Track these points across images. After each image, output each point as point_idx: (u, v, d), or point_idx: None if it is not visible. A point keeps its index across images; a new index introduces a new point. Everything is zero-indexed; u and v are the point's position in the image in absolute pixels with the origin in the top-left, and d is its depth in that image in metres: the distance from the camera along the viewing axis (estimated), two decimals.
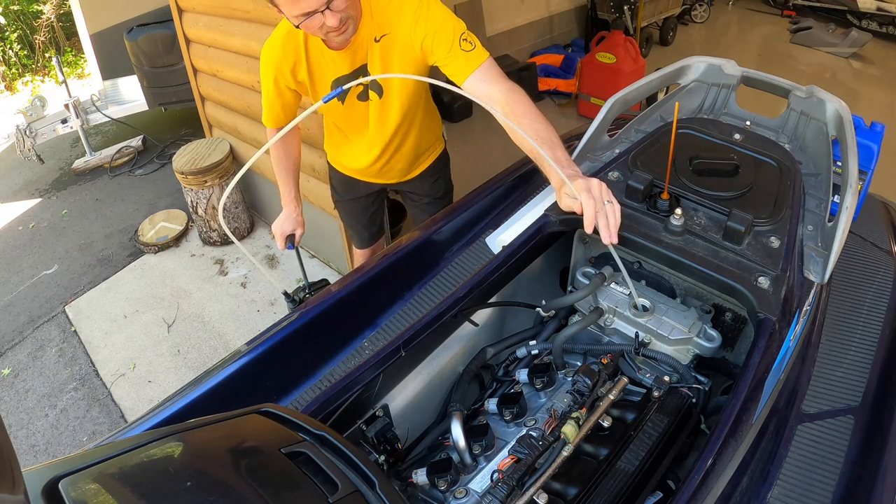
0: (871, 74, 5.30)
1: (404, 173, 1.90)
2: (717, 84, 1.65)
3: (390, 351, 1.13)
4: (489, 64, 1.41)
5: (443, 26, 1.41)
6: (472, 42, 1.41)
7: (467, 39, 1.41)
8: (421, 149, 1.85)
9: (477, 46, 1.41)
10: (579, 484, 0.98)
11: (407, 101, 1.62)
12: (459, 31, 1.41)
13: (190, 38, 3.12)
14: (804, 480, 1.01)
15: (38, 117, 4.29)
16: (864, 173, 1.39)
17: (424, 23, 1.42)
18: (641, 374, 1.17)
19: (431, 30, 1.41)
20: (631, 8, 5.13)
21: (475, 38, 1.43)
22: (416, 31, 1.43)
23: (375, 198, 2.09)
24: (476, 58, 1.40)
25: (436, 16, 1.42)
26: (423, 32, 1.42)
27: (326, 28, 1.33)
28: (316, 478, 0.73)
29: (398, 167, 1.86)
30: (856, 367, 1.21)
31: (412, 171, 1.91)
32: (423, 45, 1.43)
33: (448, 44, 1.40)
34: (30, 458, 2.42)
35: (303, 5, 1.26)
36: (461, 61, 1.40)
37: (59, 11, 7.00)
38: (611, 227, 1.10)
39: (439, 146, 1.95)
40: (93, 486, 0.67)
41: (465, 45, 1.40)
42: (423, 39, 1.43)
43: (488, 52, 1.43)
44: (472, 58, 1.40)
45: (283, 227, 1.79)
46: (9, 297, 3.34)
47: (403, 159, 1.83)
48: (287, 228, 1.79)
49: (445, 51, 1.41)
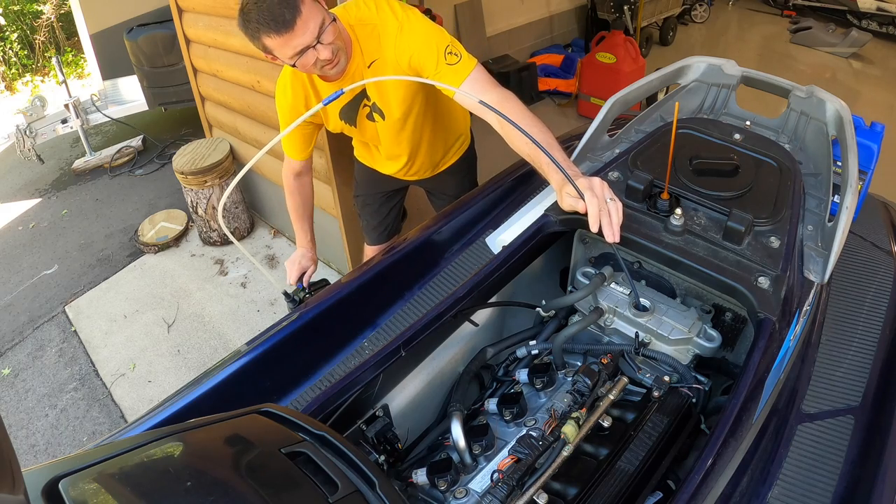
0: (871, 74, 5.30)
1: (431, 170, 1.95)
2: (717, 84, 1.65)
3: (390, 351, 1.13)
4: (477, 74, 1.40)
5: (425, 44, 1.41)
6: (457, 53, 1.40)
7: (452, 52, 1.40)
8: (445, 147, 1.90)
9: (463, 57, 1.40)
10: (579, 484, 0.98)
11: (411, 117, 1.66)
12: (443, 45, 1.40)
13: (190, 38, 3.12)
14: (804, 480, 1.01)
15: (38, 117, 4.29)
16: (864, 173, 1.39)
17: (406, 44, 1.42)
18: (641, 374, 1.17)
19: (415, 49, 1.42)
20: (631, 8, 5.13)
21: (460, 48, 1.42)
22: (400, 53, 1.44)
23: (396, 193, 2.14)
24: (462, 69, 1.39)
25: (416, 34, 1.42)
26: (407, 53, 1.43)
27: (321, 63, 1.37)
28: (316, 478, 0.73)
29: (424, 168, 1.91)
30: (856, 367, 1.21)
31: (439, 167, 1.96)
32: (410, 64, 1.44)
33: (434, 60, 1.40)
34: (30, 458, 2.42)
35: (294, 44, 1.30)
36: (448, 76, 1.39)
37: (59, 11, 6.99)
38: (614, 226, 1.11)
39: (465, 141, 1.98)
40: (93, 486, 0.67)
41: (451, 59, 1.39)
42: (409, 59, 1.43)
43: (475, 60, 1.42)
44: (458, 70, 1.39)
45: (301, 264, 1.86)
46: (9, 297, 3.34)
47: (428, 161, 1.88)
48: (304, 265, 1.87)
49: (433, 67, 1.40)
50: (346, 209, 2.62)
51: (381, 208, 2.16)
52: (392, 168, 1.90)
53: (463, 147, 1.98)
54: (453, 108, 1.83)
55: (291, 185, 1.85)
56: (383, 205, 2.16)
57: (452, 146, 1.93)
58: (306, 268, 1.86)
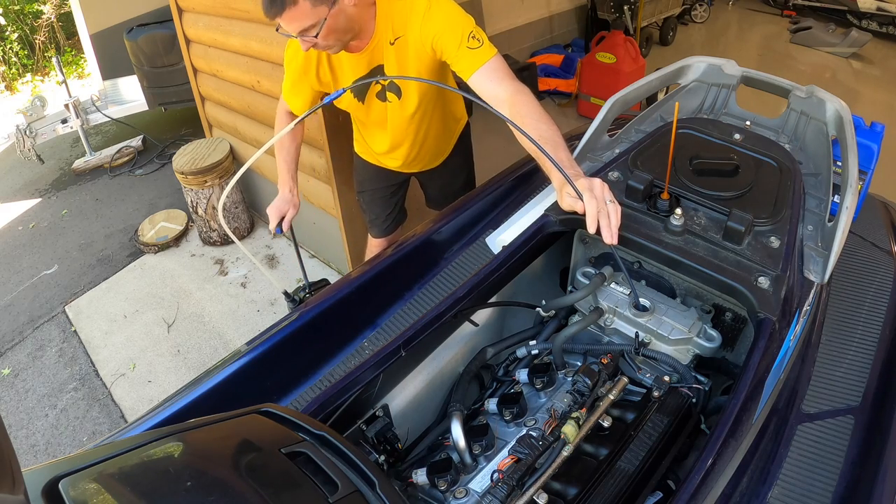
0: (871, 74, 5.30)
1: (431, 161, 1.95)
2: (717, 84, 1.65)
3: (390, 351, 1.13)
4: (496, 62, 1.41)
5: (451, 25, 1.42)
6: (479, 39, 1.41)
7: (475, 37, 1.41)
8: (446, 133, 1.91)
9: (484, 44, 1.41)
10: (579, 484, 0.98)
11: (425, 100, 1.66)
12: (468, 28, 1.42)
13: (190, 38, 3.12)
14: (804, 480, 1.01)
15: (38, 117, 4.29)
16: (864, 173, 1.39)
17: (433, 22, 1.43)
18: (641, 374, 1.17)
19: (440, 29, 1.43)
20: (631, 8, 5.13)
21: (483, 35, 1.43)
22: (425, 32, 1.44)
23: (399, 187, 2.15)
24: (482, 55, 1.40)
25: (444, 14, 1.43)
26: (432, 32, 1.43)
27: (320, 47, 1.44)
28: (316, 478, 0.73)
29: (426, 157, 1.92)
30: (856, 367, 1.21)
31: (438, 159, 1.97)
32: (433, 45, 1.45)
33: (456, 42, 1.41)
34: (30, 458, 2.42)
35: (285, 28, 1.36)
36: (467, 59, 1.41)
37: (59, 11, 6.99)
38: (612, 227, 1.11)
39: (462, 122, 1.99)
40: (93, 486, 0.67)
41: (473, 43, 1.41)
42: (433, 39, 1.44)
43: (496, 49, 1.43)
44: (478, 55, 1.40)
45: (279, 208, 1.78)
46: (9, 297, 3.34)
47: (429, 149, 1.88)
48: (282, 208, 1.78)
49: (454, 49, 1.42)
50: (346, 209, 2.61)
51: (389, 201, 2.17)
52: (394, 162, 1.90)
53: (459, 129, 1.98)
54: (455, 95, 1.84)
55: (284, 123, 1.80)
56: (390, 198, 2.16)
57: (454, 132, 1.95)
58: (285, 212, 1.79)
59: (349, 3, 1.37)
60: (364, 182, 2.15)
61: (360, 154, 2.06)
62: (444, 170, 2.01)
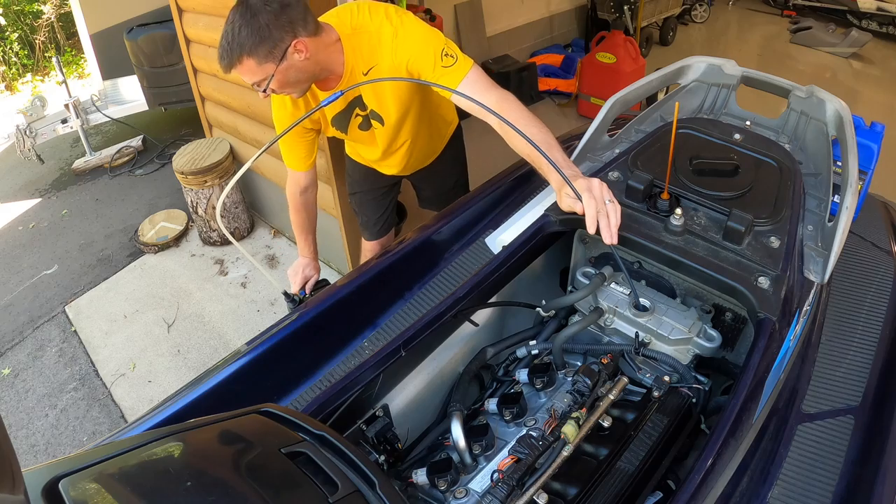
0: (871, 74, 5.30)
1: (422, 161, 1.97)
2: (717, 84, 1.65)
3: (390, 351, 1.13)
4: (473, 75, 1.39)
5: (421, 47, 1.41)
6: (453, 55, 1.40)
7: (448, 53, 1.40)
8: (437, 136, 1.93)
9: (458, 58, 1.40)
10: (579, 484, 0.98)
11: (411, 119, 1.67)
12: (439, 46, 1.40)
13: (190, 38, 3.12)
14: (804, 480, 1.01)
15: (38, 117, 4.28)
16: (864, 173, 1.39)
17: (403, 48, 1.42)
18: (641, 374, 1.17)
19: (412, 53, 1.42)
20: (631, 8, 5.13)
21: (455, 49, 1.42)
22: (398, 58, 1.44)
23: (391, 188, 2.16)
24: (458, 71, 1.38)
25: (412, 38, 1.42)
26: (405, 58, 1.43)
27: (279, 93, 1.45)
28: (316, 478, 0.73)
29: (418, 159, 1.93)
30: (856, 367, 1.21)
31: (429, 159, 1.98)
32: (408, 69, 1.44)
33: (430, 63, 1.40)
34: (30, 458, 2.42)
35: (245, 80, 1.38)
36: (445, 79, 1.39)
37: (59, 11, 6.99)
38: (612, 228, 1.11)
39: (453, 125, 2.00)
40: (93, 486, 0.67)
41: (447, 61, 1.39)
42: (407, 64, 1.43)
43: (471, 61, 1.41)
44: (454, 72, 1.39)
45: (305, 273, 1.88)
46: (9, 297, 3.34)
47: (420, 154, 1.90)
48: (308, 274, 1.88)
49: (430, 70, 1.41)
50: (346, 209, 2.61)
51: (380, 203, 2.17)
52: (388, 170, 1.93)
53: (450, 130, 1.99)
54: (442, 101, 1.83)
55: (297, 202, 1.85)
56: (382, 199, 2.17)
57: (444, 136, 1.97)
58: (310, 276, 1.88)
59: (299, 58, 1.35)
60: (355, 183, 2.16)
61: (351, 155, 2.07)
62: (436, 169, 2.02)
